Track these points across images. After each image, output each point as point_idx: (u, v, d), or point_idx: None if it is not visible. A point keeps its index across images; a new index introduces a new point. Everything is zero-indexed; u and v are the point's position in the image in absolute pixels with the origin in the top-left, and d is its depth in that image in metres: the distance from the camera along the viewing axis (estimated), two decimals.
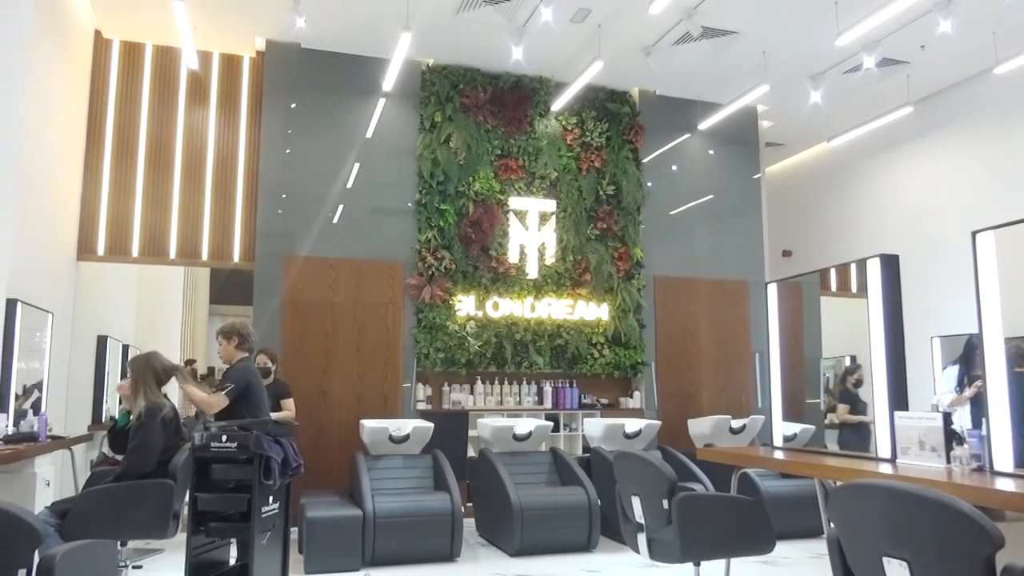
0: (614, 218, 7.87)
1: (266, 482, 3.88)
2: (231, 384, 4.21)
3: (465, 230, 7.36)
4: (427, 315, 7.16)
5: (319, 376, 6.80)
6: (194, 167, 7.04)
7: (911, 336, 3.79)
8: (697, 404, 7.81)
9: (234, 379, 4.25)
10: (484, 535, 6.24)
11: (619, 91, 8.10)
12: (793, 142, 9.69)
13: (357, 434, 6.26)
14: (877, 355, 3.53)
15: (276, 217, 6.95)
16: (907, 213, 8.60)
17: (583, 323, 7.63)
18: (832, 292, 6.49)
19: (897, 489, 2.04)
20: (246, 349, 4.47)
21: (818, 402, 5.02)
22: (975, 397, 5.19)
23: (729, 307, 8.14)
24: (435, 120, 7.40)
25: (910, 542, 1.98)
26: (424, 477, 5.89)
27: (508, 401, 7.38)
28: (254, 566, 3.80)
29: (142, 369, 4.19)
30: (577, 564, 5.40)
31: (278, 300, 6.80)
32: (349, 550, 5.13)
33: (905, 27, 6.45)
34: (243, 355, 4.44)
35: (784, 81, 7.49)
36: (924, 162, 8.53)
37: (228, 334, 4.44)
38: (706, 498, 3.74)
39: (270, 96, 7.07)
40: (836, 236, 9.54)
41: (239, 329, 4.46)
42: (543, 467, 6.27)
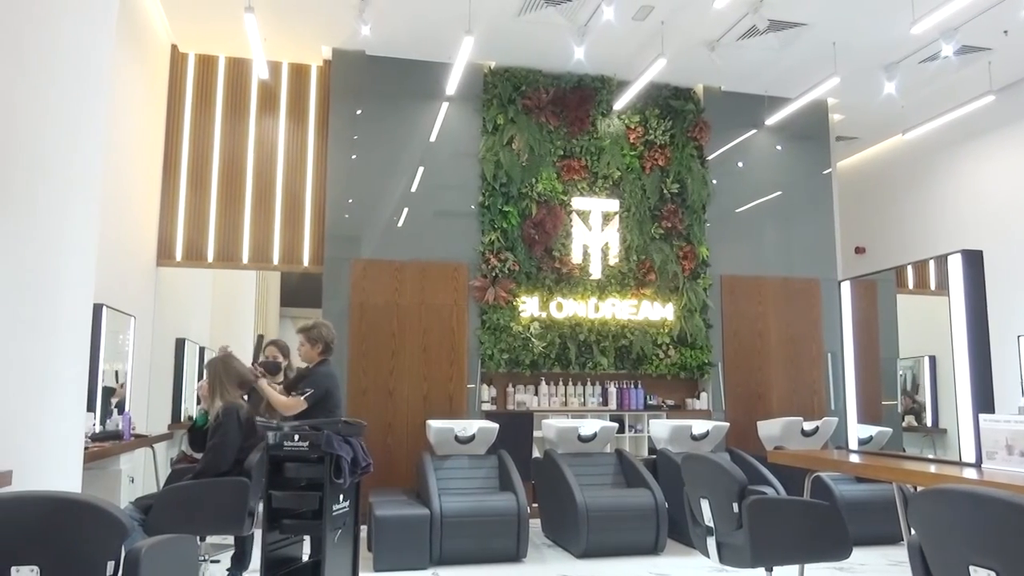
0: (679, 217, 7.76)
1: (336, 481, 3.97)
2: (311, 389, 4.34)
3: (528, 231, 7.37)
4: (491, 316, 7.20)
5: (386, 377, 6.92)
6: (265, 175, 7.26)
7: (996, 335, 3.62)
8: (766, 405, 7.63)
9: (315, 384, 4.38)
10: (550, 536, 6.23)
11: (683, 88, 7.98)
12: (866, 135, 9.37)
13: (424, 434, 6.34)
14: (960, 355, 3.38)
15: (343, 221, 7.10)
16: (988, 207, 8.21)
17: (648, 323, 7.54)
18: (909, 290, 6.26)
19: (984, 495, 1.95)
20: (328, 354, 4.59)
21: (895, 403, 4.84)
22: None
23: (799, 306, 7.93)
24: (497, 122, 7.43)
25: (999, 551, 1.89)
26: (490, 477, 5.91)
27: (572, 402, 7.36)
28: (326, 563, 3.89)
29: (219, 371, 4.34)
30: (644, 567, 5.34)
31: (346, 302, 6.95)
32: (417, 549, 5.20)
33: (986, 12, 6.16)
34: (323, 358, 4.56)
35: (856, 73, 7.25)
36: (1007, 153, 8.13)
37: (314, 341, 4.54)
38: (778, 502, 3.66)
39: (336, 103, 7.23)
40: (912, 232, 9.18)
41: (325, 337, 4.56)
42: (608, 468, 6.22)
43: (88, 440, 4.43)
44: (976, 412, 3.26)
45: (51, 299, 2.91)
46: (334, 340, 4.62)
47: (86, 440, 4.11)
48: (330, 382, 4.48)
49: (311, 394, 4.32)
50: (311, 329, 4.58)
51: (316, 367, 4.54)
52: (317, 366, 4.55)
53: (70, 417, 3.01)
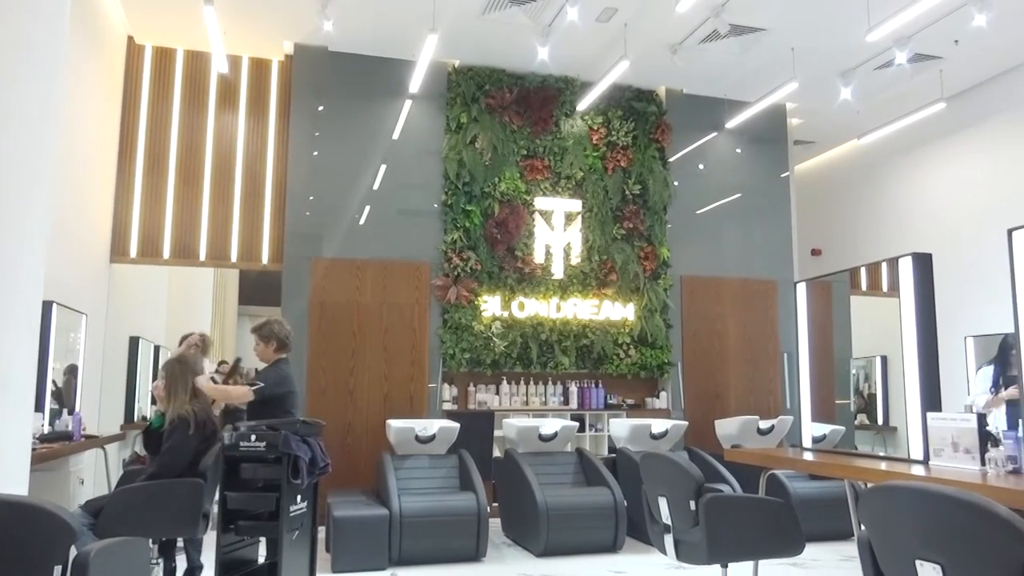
0: (640, 217, 7.83)
1: (294, 481, 3.92)
2: (261, 383, 4.26)
3: (491, 231, 7.37)
4: (453, 316, 7.19)
5: (346, 376, 6.86)
6: (223, 171, 7.14)
7: (944, 336, 3.71)
8: (724, 405, 7.74)
9: (266, 378, 4.30)
10: (510, 535, 6.24)
11: (645, 90, 8.06)
12: (823, 140, 9.56)
13: (384, 434, 6.30)
14: (909, 355, 3.47)
15: (304, 219, 7.02)
16: (939, 211, 8.45)
17: (609, 323, 7.60)
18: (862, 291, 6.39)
19: (931, 491, 2.00)
20: (285, 351, 4.50)
21: (848, 402, 4.95)
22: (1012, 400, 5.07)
23: (757, 307, 8.06)
24: (461, 121, 7.42)
25: (944, 545, 1.95)
26: (450, 477, 5.90)
27: (534, 401, 7.38)
28: (282, 564, 3.84)
29: (176, 372, 4.25)
30: (603, 565, 5.38)
31: (306, 301, 6.87)
32: (375, 549, 5.17)
33: (938, 21, 6.33)
34: (279, 356, 4.48)
35: (813, 78, 7.39)
36: (957, 159, 8.37)
37: (267, 338, 4.46)
38: (734, 499, 3.71)
39: (298, 99, 7.15)
40: (866, 235, 9.40)
41: (277, 333, 4.47)
42: (569, 467, 6.26)
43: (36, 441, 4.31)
44: (924, 410, 3.35)
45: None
46: (288, 336, 4.52)
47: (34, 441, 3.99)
48: (284, 382, 4.36)
49: (260, 387, 4.23)
50: (262, 327, 4.51)
51: (272, 366, 4.45)
52: (273, 365, 4.46)
53: (17, 418, 2.92)
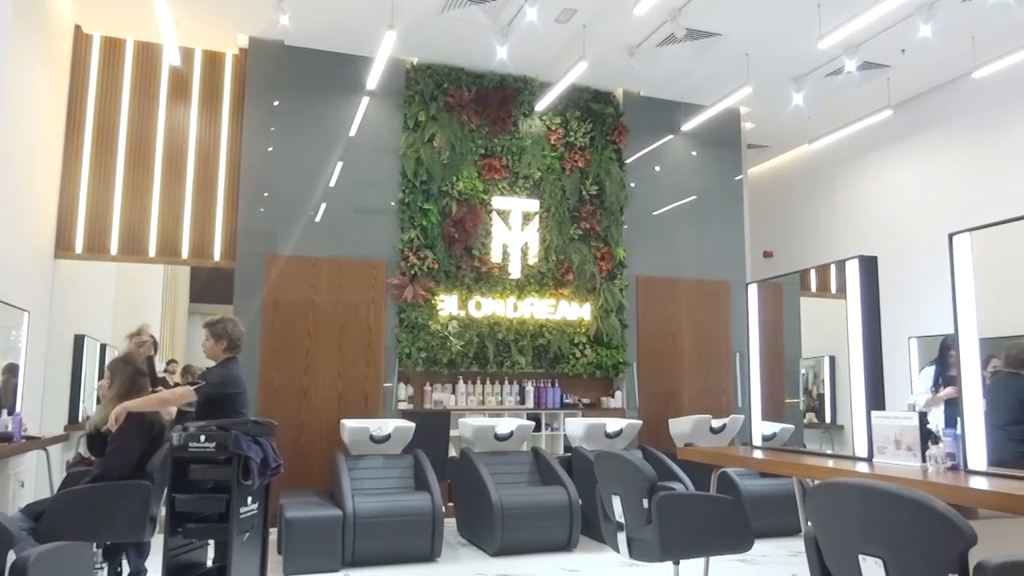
0: (597, 218, 7.89)
1: (245, 482, 3.85)
2: (203, 382, 4.14)
3: (448, 230, 7.34)
4: (409, 315, 7.14)
5: (300, 375, 6.77)
6: (175, 165, 6.98)
7: (889, 336, 3.83)
8: (678, 404, 7.84)
9: (208, 378, 4.19)
10: (465, 535, 6.23)
11: (603, 91, 8.12)
12: (775, 144, 9.76)
13: (338, 434, 6.23)
14: (855, 355, 3.56)
15: (258, 215, 6.91)
16: (886, 215, 8.69)
17: (565, 323, 7.64)
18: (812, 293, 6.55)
19: (873, 488, 2.06)
20: (234, 351, 4.39)
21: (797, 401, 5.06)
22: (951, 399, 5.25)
23: (711, 307, 8.19)
24: (419, 119, 7.38)
25: (885, 540, 2.00)
26: (405, 477, 5.87)
27: (490, 401, 7.38)
28: (232, 567, 3.77)
29: (121, 371, 4.14)
30: (557, 563, 5.41)
31: (259, 299, 6.75)
32: (329, 551, 5.11)
33: (886, 31, 6.51)
34: (227, 356, 4.36)
35: (767, 83, 7.54)
36: (903, 165, 8.62)
37: (218, 336, 4.35)
38: (685, 497, 3.76)
39: (253, 94, 7.03)
40: (817, 237, 9.62)
41: (230, 333, 4.34)
42: (524, 467, 6.27)
43: None
44: (868, 409, 3.44)
45: None
46: (241, 338, 4.41)
47: None
48: (231, 382, 4.21)
49: (201, 386, 4.11)
50: (215, 324, 4.38)
51: (217, 365, 4.34)
52: (219, 364, 4.34)
53: None
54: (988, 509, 2.54)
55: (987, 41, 6.74)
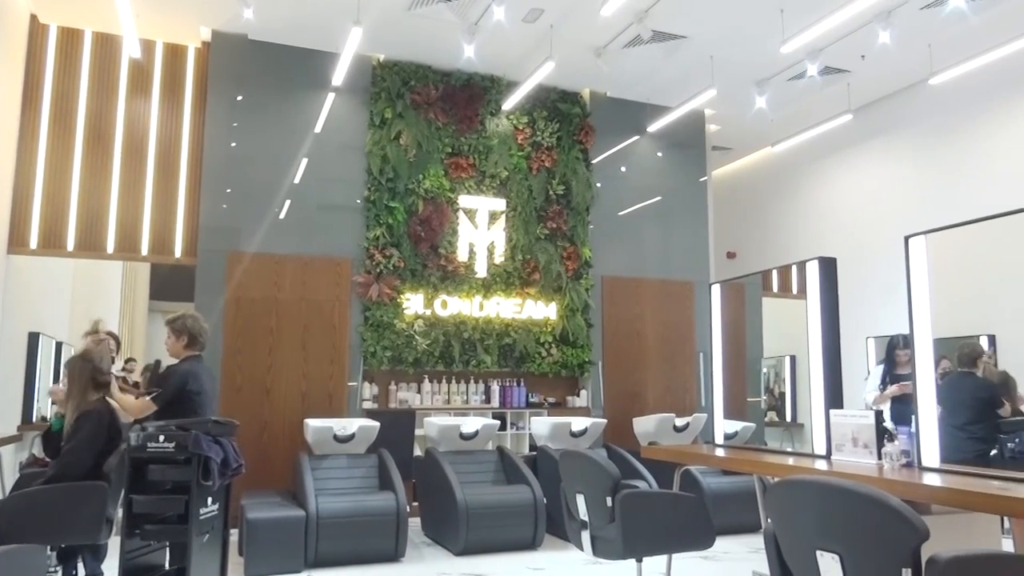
0: (563, 218, 7.92)
1: (205, 483, 3.79)
2: (159, 390, 4.08)
3: (414, 228, 7.31)
4: (374, 313, 7.10)
5: (263, 374, 6.68)
6: (134, 159, 6.84)
7: (848, 336, 3.90)
8: (643, 403, 7.91)
9: (164, 383, 4.13)
10: (430, 535, 6.21)
11: (570, 92, 8.15)
12: (739, 146, 9.89)
13: (301, 434, 6.17)
14: (814, 355, 3.63)
15: (220, 212, 6.80)
16: (846, 217, 8.87)
17: (531, 322, 7.66)
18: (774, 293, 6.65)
19: (829, 485, 2.10)
20: (197, 348, 4.33)
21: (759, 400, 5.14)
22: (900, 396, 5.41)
23: (675, 307, 8.27)
24: (385, 116, 7.33)
25: (842, 536, 2.04)
26: (369, 477, 5.83)
27: (455, 400, 7.36)
28: (191, 569, 3.71)
29: (78, 370, 4.04)
30: (522, 562, 5.42)
31: (221, 297, 6.65)
32: (291, 551, 5.05)
33: (846, 37, 6.64)
34: (191, 354, 4.30)
35: (731, 86, 7.63)
36: (862, 168, 8.80)
37: (178, 332, 4.29)
38: (648, 495, 3.80)
39: (216, 88, 6.91)
40: (779, 239, 9.78)
41: (190, 328, 4.29)
42: (489, 466, 6.27)
43: None
44: (827, 408, 3.50)
45: None
46: (202, 333, 4.35)
47: None
48: (188, 381, 4.14)
49: (158, 395, 4.05)
50: (176, 320, 4.33)
51: (178, 364, 4.27)
52: (180, 363, 4.28)
53: None
54: (941, 505, 2.61)
55: (943, 49, 6.90)
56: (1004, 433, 3.15)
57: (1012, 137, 7.29)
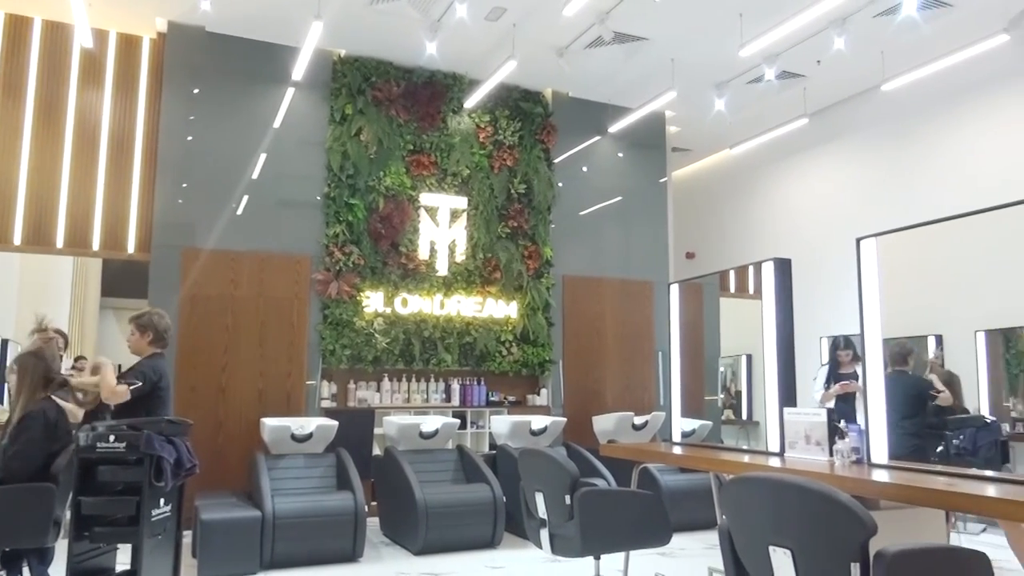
0: (525, 217, 7.93)
1: (157, 484, 3.71)
2: (138, 381, 4.00)
3: (375, 225, 7.25)
4: (333, 311, 7.02)
5: (218, 373, 6.56)
6: (86, 152, 6.66)
7: (802, 336, 3.97)
8: (602, 401, 7.97)
9: (141, 375, 4.05)
10: (388, 534, 6.17)
11: (532, 91, 8.16)
12: (698, 148, 10.02)
13: (258, 433, 6.08)
14: (769, 354, 3.69)
15: (175, 207, 6.66)
16: (801, 219, 9.04)
17: (492, 321, 7.65)
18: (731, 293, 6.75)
19: (781, 481, 2.14)
20: (161, 345, 4.25)
21: (716, 399, 5.22)
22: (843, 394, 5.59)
23: (635, 307, 8.35)
24: (346, 112, 7.26)
25: (793, 531, 2.08)
26: (327, 476, 5.77)
27: (415, 399, 7.33)
28: (143, 572, 3.63)
29: (30, 368, 3.91)
30: (481, 561, 5.42)
31: (176, 294, 6.51)
32: (246, 553, 4.98)
33: (803, 42, 6.77)
34: (155, 351, 4.23)
35: (691, 88, 7.72)
36: (817, 171, 8.99)
37: (143, 328, 4.21)
38: (606, 493, 3.83)
39: (171, 80, 6.77)
40: (737, 240, 9.93)
41: (156, 325, 4.22)
42: (449, 465, 6.25)
43: None
44: (781, 406, 3.57)
45: None
46: (167, 330, 4.29)
47: None
48: (159, 377, 4.10)
49: (138, 386, 3.98)
50: (141, 316, 4.25)
51: (147, 360, 4.20)
52: (147, 359, 4.21)
53: None
54: (889, 500, 2.68)
55: (896, 56, 7.08)
56: (950, 430, 3.24)
57: (960, 143, 7.52)
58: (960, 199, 6.95)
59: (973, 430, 3.16)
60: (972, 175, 7.28)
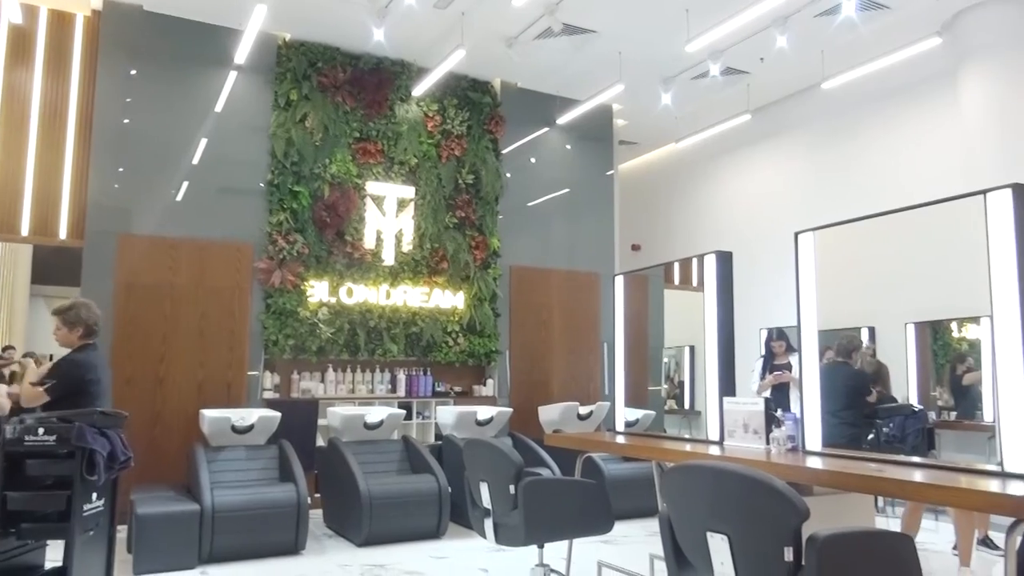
0: (472, 207, 7.91)
1: (90, 478, 3.59)
2: (52, 380, 3.86)
3: (320, 213, 7.14)
4: (277, 300, 6.90)
5: (155, 363, 6.38)
6: (14, 133, 6.38)
7: (744, 328, 4.06)
8: (548, 392, 8.02)
9: (58, 374, 3.90)
10: (332, 526, 6.11)
11: (481, 81, 8.13)
12: (645, 141, 10.13)
13: (197, 425, 5.94)
14: (710, 345, 3.76)
15: (111, 191, 6.44)
16: (744, 213, 9.24)
17: (439, 311, 7.62)
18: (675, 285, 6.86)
19: (718, 469, 2.18)
20: (92, 337, 4.10)
21: (660, 389, 5.30)
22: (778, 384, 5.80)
23: (581, 298, 8.42)
24: (291, 98, 7.11)
25: (730, 517, 2.13)
26: (269, 468, 5.67)
27: (360, 389, 7.26)
28: (74, 569, 3.51)
29: None
30: (425, 551, 5.41)
31: (110, 281, 6.30)
32: (184, 547, 4.87)
33: (747, 40, 6.89)
34: (84, 343, 4.07)
35: (638, 82, 7.80)
36: (759, 167, 9.19)
37: (72, 323, 4.04)
38: (550, 482, 3.85)
39: (107, 60, 6.52)
40: (681, 232, 10.09)
41: (85, 319, 4.06)
42: (394, 455, 6.22)
43: None
44: (721, 395, 3.64)
45: None
46: (97, 323, 4.14)
47: None
48: (83, 371, 3.97)
49: (51, 386, 3.84)
50: (68, 310, 4.09)
51: (74, 353, 4.05)
52: (76, 352, 4.06)
53: None
54: (822, 486, 2.76)
55: (835, 55, 7.27)
56: (880, 419, 3.36)
57: (893, 142, 7.78)
58: (894, 196, 7.18)
59: (902, 418, 3.28)
60: (905, 173, 7.54)
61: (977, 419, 3.10)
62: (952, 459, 2.88)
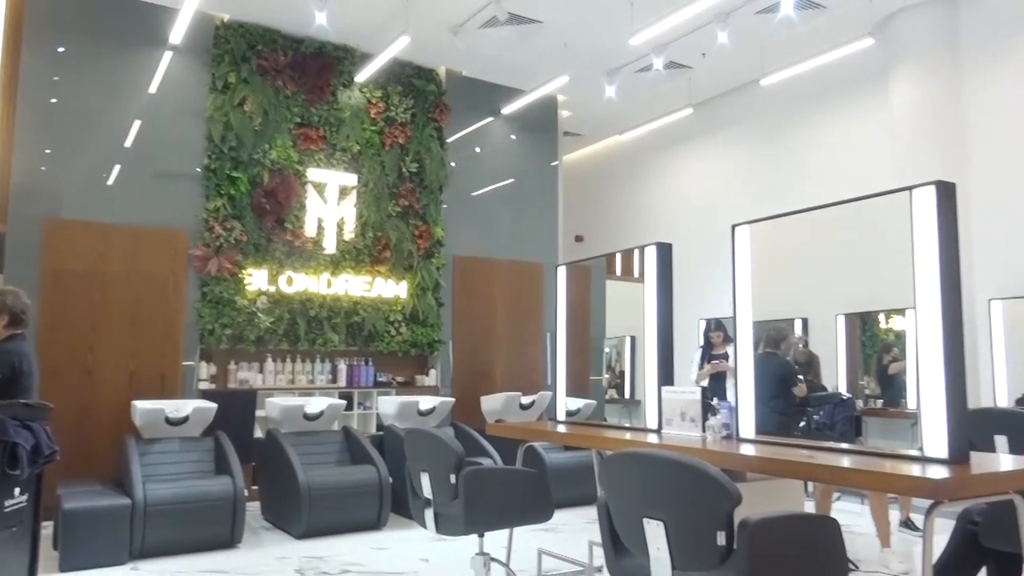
0: (416, 196, 7.84)
1: (12, 472, 3.44)
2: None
3: (259, 200, 6.98)
4: (213, 289, 6.72)
5: (84, 353, 6.15)
6: None
7: (683, 318, 4.14)
8: (491, 381, 8.03)
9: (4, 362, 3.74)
10: (270, 519, 6.01)
11: (426, 68, 8.06)
12: (589, 133, 10.21)
13: (129, 417, 5.75)
14: (649, 335, 3.82)
15: (37, 174, 6.17)
16: (684, 205, 9.40)
17: (381, 300, 7.55)
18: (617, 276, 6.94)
19: (654, 456, 2.22)
20: (21, 327, 3.93)
21: (601, 379, 5.37)
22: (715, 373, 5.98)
23: (524, 288, 8.44)
24: (229, 81, 6.92)
25: (665, 503, 2.17)
26: (204, 461, 5.53)
27: (300, 379, 7.15)
28: None
29: None
30: (365, 542, 5.37)
31: (35, 267, 6.04)
32: (114, 543, 4.71)
33: (689, 35, 6.99)
34: (12, 332, 3.90)
35: (583, 74, 7.84)
36: (700, 160, 9.36)
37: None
38: (491, 472, 3.85)
39: (32, 36, 6.23)
40: (624, 224, 10.21)
41: (11, 307, 3.88)
42: (334, 446, 6.14)
43: None
44: (659, 385, 3.71)
45: None
46: (25, 310, 3.98)
47: None
48: (20, 362, 3.81)
49: None
50: None
51: (4, 344, 3.88)
52: (4, 343, 3.89)
53: None
54: (754, 472, 2.84)
55: (774, 52, 7.44)
56: (811, 407, 3.47)
57: (827, 137, 8.01)
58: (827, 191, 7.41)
59: (831, 406, 3.38)
60: (838, 168, 7.78)
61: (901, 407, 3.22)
62: (877, 445, 2.99)
